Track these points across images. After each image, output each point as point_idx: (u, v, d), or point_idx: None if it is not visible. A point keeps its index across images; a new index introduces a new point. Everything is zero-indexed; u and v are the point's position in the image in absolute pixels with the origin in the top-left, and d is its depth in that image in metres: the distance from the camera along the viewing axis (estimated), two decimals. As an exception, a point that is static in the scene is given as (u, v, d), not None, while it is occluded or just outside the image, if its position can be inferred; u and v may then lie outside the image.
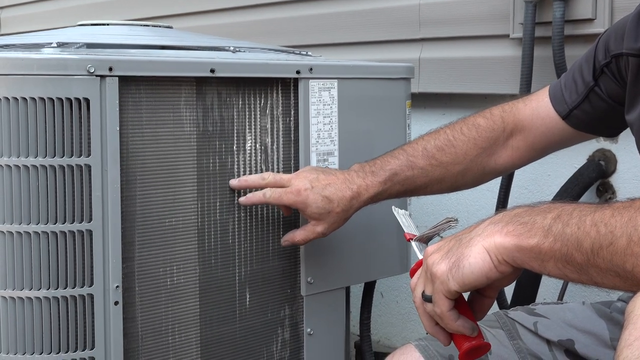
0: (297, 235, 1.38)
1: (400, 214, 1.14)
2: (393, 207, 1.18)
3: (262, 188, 1.37)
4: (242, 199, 1.37)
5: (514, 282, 1.68)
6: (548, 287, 2.03)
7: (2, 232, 1.19)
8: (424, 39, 2.25)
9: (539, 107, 1.33)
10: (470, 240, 0.92)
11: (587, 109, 1.28)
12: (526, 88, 1.92)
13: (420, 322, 2.53)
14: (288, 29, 2.59)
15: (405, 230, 1.11)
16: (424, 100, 2.27)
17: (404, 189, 1.37)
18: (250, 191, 1.39)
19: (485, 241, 0.90)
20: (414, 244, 1.08)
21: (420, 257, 1.04)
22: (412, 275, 1.04)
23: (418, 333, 2.41)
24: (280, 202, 1.35)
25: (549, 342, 1.20)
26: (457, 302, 0.97)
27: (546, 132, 1.33)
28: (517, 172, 1.95)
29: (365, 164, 1.38)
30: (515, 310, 1.25)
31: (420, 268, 1.00)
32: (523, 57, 1.93)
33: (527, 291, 1.84)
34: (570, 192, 1.85)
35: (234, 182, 1.37)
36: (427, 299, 0.97)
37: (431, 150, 1.36)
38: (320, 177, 1.35)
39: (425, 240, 1.10)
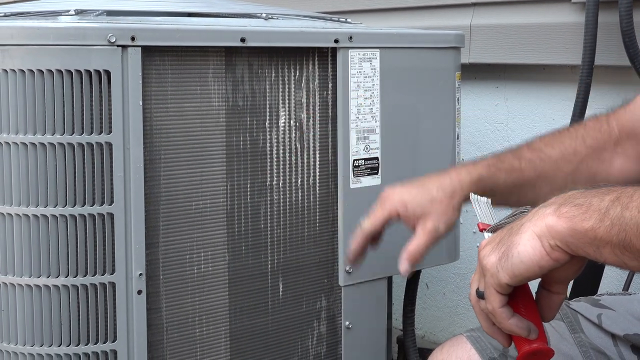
0: (412, 246, 1.29)
1: (480, 202, 1.14)
2: (471, 194, 1.17)
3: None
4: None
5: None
6: (612, 278, 2.01)
7: (18, 215, 1.21)
8: (476, 4, 2.23)
9: (636, 109, 1.30)
10: (521, 227, 0.92)
11: None
12: (589, 58, 1.90)
13: (469, 317, 2.52)
14: (325, -6, 2.59)
15: (480, 220, 1.11)
16: (475, 72, 2.26)
17: (511, 180, 1.32)
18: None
19: (535, 226, 0.90)
20: (486, 235, 1.08)
21: None
22: None
23: (466, 328, 2.40)
24: (378, 218, 1.30)
25: (614, 336, 1.19)
26: (520, 299, 0.97)
27: None
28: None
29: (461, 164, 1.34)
30: (578, 301, 1.25)
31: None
32: (586, 23, 1.90)
33: (588, 281, 1.83)
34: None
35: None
36: (480, 295, 0.97)
37: (537, 144, 1.33)
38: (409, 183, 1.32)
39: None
